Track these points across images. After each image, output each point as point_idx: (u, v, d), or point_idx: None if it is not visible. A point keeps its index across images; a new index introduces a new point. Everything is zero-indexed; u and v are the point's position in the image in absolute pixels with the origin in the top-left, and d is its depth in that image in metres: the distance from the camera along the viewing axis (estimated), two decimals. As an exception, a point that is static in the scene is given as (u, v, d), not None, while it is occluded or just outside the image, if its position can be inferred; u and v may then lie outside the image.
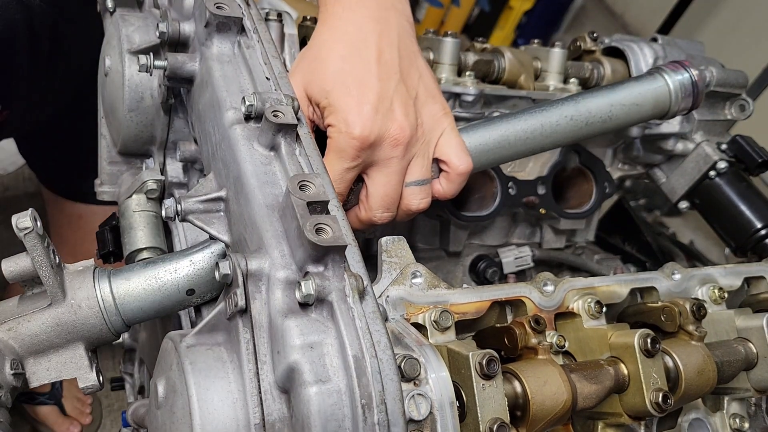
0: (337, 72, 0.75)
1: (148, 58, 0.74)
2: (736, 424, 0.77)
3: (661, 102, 0.92)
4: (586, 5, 3.51)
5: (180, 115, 0.87)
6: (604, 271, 1.17)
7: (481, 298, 0.68)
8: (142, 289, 0.67)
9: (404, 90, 0.76)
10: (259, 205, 0.59)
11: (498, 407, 0.57)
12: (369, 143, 0.73)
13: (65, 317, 0.64)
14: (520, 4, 3.20)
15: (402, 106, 0.75)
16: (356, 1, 0.77)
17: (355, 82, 0.74)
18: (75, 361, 0.65)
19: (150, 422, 0.62)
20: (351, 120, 0.73)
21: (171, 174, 0.89)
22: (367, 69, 0.74)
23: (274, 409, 0.53)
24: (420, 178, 0.78)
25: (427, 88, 0.79)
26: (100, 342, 0.67)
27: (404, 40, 0.78)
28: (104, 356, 2.21)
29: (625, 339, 0.66)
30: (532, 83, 1.05)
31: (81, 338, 0.65)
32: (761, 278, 0.86)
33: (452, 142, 0.79)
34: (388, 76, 0.75)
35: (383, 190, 0.77)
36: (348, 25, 0.76)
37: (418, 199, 0.79)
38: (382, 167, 0.76)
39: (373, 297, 0.54)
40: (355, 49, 0.75)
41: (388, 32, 0.76)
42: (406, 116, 0.75)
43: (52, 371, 0.65)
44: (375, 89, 0.74)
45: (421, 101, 0.78)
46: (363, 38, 0.75)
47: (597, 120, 0.90)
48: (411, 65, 0.78)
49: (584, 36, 1.16)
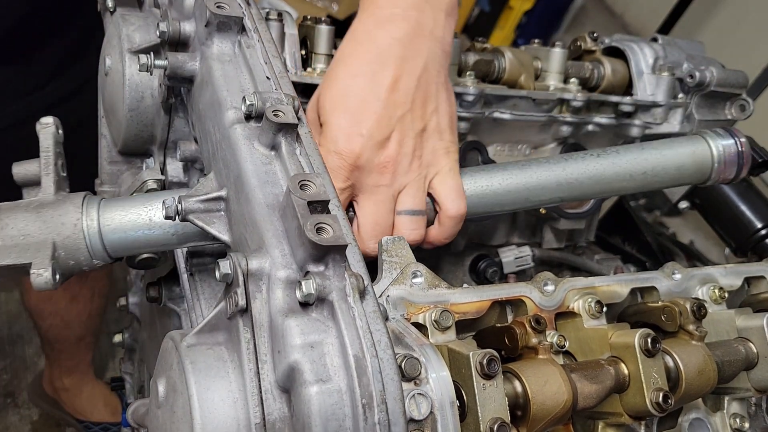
0: (342, 90, 0.73)
1: (149, 58, 0.74)
2: (736, 423, 0.77)
3: (702, 166, 0.85)
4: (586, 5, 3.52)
5: (180, 115, 0.87)
6: (604, 271, 1.17)
7: (481, 297, 0.68)
8: (129, 218, 0.67)
9: (410, 120, 0.73)
10: (259, 204, 0.59)
11: (498, 407, 0.57)
12: (356, 166, 0.71)
13: (46, 212, 0.64)
14: (520, 4, 3.20)
15: (400, 134, 0.73)
16: (390, 21, 0.74)
17: (356, 102, 0.72)
18: (39, 252, 0.64)
19: (150, 422, 0.62)
20: (341, 141, 0.71)
21: (171, 173, 0.89)
22: (375, 93, 0.72)
23: (274, 409, 0.53)
24: (411, 208, 0.75)
25: (438, 123, 0.76)
26: (76, 259, 0.66)
27: (430, 71, 0.75)
28: (104, 356, 2.21)
29: (625, 339, 0.66)
30: (533, 83, 1.05)
31: (54, 238, 0.65)
32: (761, 278, 0.86)
33: (448, 182, 0.77)
34: (396, 103, 0.73)
35: (373, 218, 0.74)
36: (373, 43, 0.74)
37: (409, 229, 0.76)
38: (370, 194, 0.74)
39: (374, 296, 0.54)
40: (370, 70, 0.73)
41: (413, 59, 0.74)
42: (401, 145, 0.73)
43: (13, 253, 0.63)
44: (376, 114, 0.72)
45: (427, 134, 0.75)
46: (383, 60, 0.73)
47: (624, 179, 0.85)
48: (428, 96, 0.75)
49: (584, 36, 1.15)
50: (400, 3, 0.74)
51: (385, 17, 0.74)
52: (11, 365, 2.18)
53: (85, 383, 2.01)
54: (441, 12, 0.76)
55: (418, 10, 0.74)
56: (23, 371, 2.17)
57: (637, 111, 1.12)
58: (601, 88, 1.11)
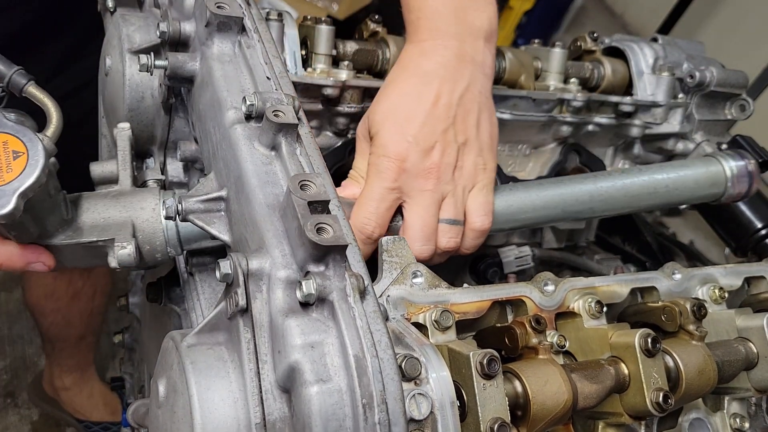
0: (391, 105, 0.80)
1: (149, 58, 0.74)
2: (736, 423, 0.77)
3: (717, 184, 0.94)
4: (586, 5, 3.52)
5: (180, 115, 0.87)
6: (604, 271, 1.17)
7: (481, 297, 0.68)
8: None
9: (452, 133, 0.79)
10: (259, 204, 0.59)
11: (499, 407, 0.57)
12: (403, 168, 0.77)
13: (126, 199, 0.70)
14: (520, 4, 3.20)
15: (443, 145, 0.78)
16: (433, 50, 0.80)
17: (404, 115, 0.78)
18: (121, 231, 0.69)
19: (150, 422, 0.62)
20: (390, 146, 0.77)
21: (171, 173, 0.89)
22: (421, 107, 0.78)
23: (274, 409, 0.53)
24: (452, 217, 0.80)
25: (479, 140, 0.81)
26: (152, 244, 0.70)
27: (472, 91, 0.81)
28: (104, 356, 2.21)
29: (625, 339, 0.66)
30: (533, 83, 1.05)
31: (134, 220, 0.70)
32: (761, 278, 0.86)
33: (480, 198, 0.82)
34: (439, 118, 0.78)
35: (421, 221, 0.79)
36: (419, 67, 0.81)
37: (448, 237, 0.80)
38: (418, 198, 0.79)
39: (374, 296, 0.54)
40: (415, 89, 0.79)
41: (455, 80, 0.80)
42: (443, 154, 0.78)
43: (95, 231, 0.68)
44: (421, 124, 0.78)
45: (468, 149, 0.80)
46: (428, 81, 0.79)
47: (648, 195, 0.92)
48: (469, 114, 0.81)
49: (584, 36, 1.16)
50: (441, 34, 0.80)
51: (428, 47, 0.81)
52: (11, 365, 2.18)
53: (86, 383, 2.00)
54: (480, 40, 0.82)
55: (458, 40, 0.81)
56: (23, 371, 2.17)
57: (637, 111, 1.12)
58: (601, 88, 1.11)
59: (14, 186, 0.55)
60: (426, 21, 0.81)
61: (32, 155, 0.57)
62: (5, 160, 0.56)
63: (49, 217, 0.65)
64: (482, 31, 0.83)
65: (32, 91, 0.69)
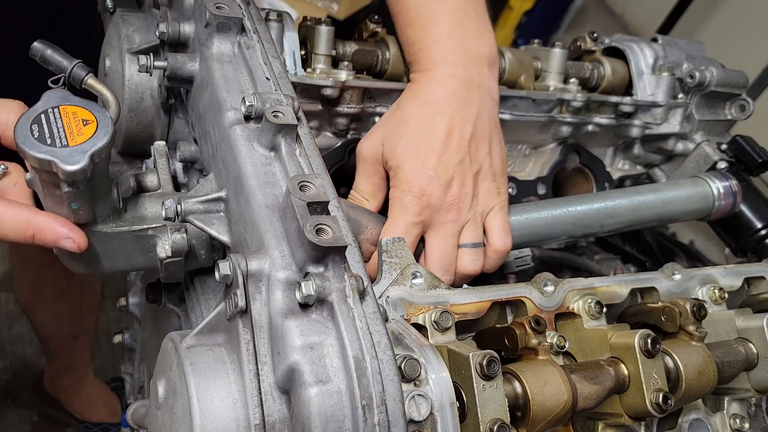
0: (411, 137, 0.82)
1: (148, 59, 0.74)
2: (736, 424, 0.77)
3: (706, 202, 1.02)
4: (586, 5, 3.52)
5: (180, 116, 0.87)
6: (604, 272, 1.17)
7: (481, 298, 0.68)
8: None
9: (468, 163, 0.82)
10: (259, 205, 0.59)
11: (498, 408, 0.57)
12: (428, 203, 0.80)
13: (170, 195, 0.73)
14: (520, 4, 3.20)
15: (461, 177, 0.81)
16: (443, 78, 0.83)
17: (424, 148, 0.81)
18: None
19: (150, 423, 0.62)
20: (414, 181, 0.80)
21: (171, 174, 0.89)
22: (437, 139, 0.81)
23: (274, 410, 0.53)
24: (472, 241, 0.83)
25: (492, 166, 0.85)
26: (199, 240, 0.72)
27: (482, 118, 0.84)
28: (104, 356, 2.21)
29: (625, 339, 0.66)
30: (533, 83, 1.05)
31: None
32: (761, 278, 0.86)
33: (498, 220, 0.85)
34: (455, 150, 0.81)
35: (441, 252, 0.81)
36: (432, 96, 0.83)
37: (470, 260, 0.83)
38: (438, 230, 0.81)
39: (374, 297, 0.54)
40: (430, 119, 0.82)
41: (467, 108, 0.83)
42: (462, 186, 0.82)
43: (145, 221, 0.72)
44: (438, 158, 0.80)
45: (482, 176, 0.84)
46: (441, 110, 0.82)
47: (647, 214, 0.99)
48: (482, 142, 0.84)
49: (584, 36, 1.15)
50: (447, 63, 0.84)
51: (438, 76, 0.84)
52: (11, 365, 2.18)
53: (85, 383, 2.00)
54: (484, 66, 0.86)
55: (464, 68, 0.84)
56: (23, 371, 2.17)
57: (637, 111, 1.12)
58: (601, 88, 1.11)
59: (86, 146, 0.58)
60: (428, 51, 0.84)
61: (101, 122, 0.61)
62: (75, 127, 0.60)
63: (105, 199, 0.68)
64: (484, 57, 0.86)
65: (91, 83, 0.72)
